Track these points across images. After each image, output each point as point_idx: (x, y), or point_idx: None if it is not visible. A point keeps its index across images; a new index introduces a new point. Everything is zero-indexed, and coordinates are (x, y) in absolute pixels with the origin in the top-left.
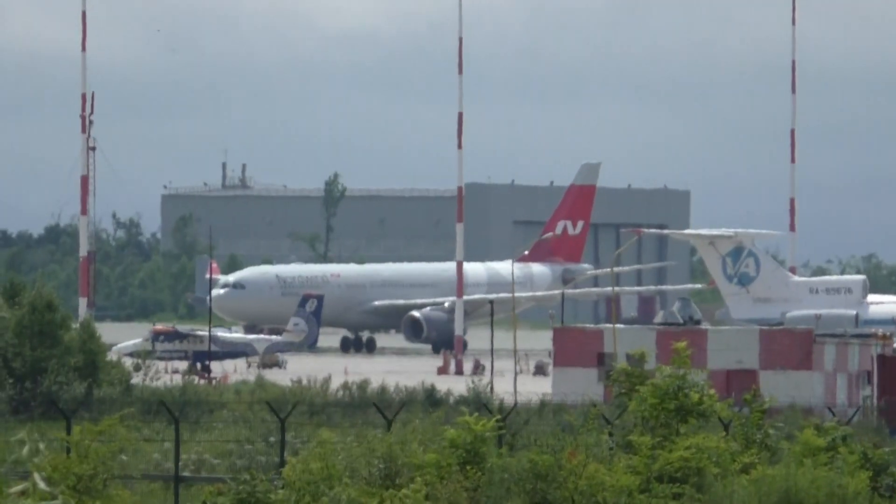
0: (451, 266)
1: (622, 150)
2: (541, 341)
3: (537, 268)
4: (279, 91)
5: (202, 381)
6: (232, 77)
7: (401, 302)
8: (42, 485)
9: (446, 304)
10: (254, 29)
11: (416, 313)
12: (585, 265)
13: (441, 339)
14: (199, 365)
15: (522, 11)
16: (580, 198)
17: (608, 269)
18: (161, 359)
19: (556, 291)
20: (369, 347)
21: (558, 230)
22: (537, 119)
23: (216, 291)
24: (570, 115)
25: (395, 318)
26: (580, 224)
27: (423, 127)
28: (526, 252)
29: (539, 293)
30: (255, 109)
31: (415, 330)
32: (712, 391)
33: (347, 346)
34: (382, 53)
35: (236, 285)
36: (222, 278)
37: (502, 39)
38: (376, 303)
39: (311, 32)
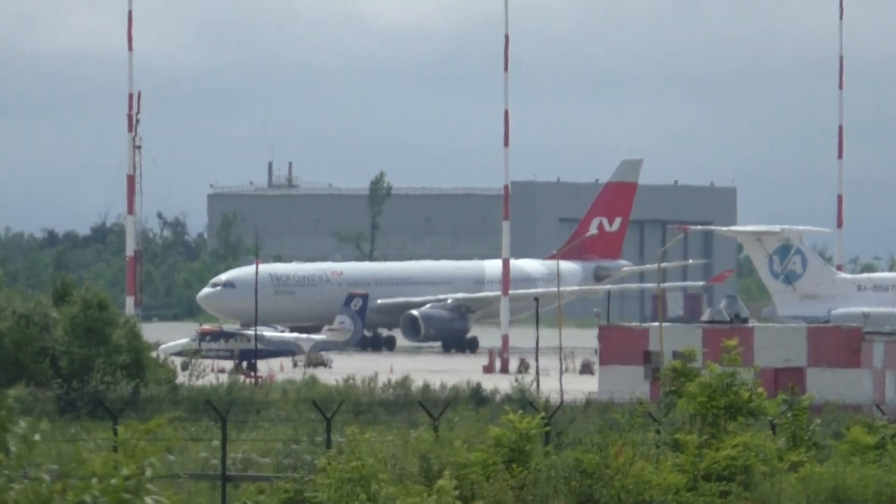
0: (465, 264)
1: (668, 146)
2: (585, 339)
3: (566, 265)
4: (324, 89)
5: (248, 381)
6: (277, 76)
7: (401, 300)
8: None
9: (449, 301)
10: (298, 27)
11: (413, 311)
12: (623, 262)
13: (441, 337)
14: (245, 364)
15: (569, 7)
16: (619, 194)
17: (645, 267)
18: (207, 358)
19: (575, 287)
20: (388, 345)
21: (593, 227)
22: (583, 116)
23: (207, 290)
24: (616, 112)
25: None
26: (618, 221)
27: (469, 124)
28: (554, 251)
29: (570, 289)
30: (300, 108)
31: (413, 328)
32: (761, 389)
33: (365, 345)
34: (429, 51)
35: (226, 284)
36: (215, 277)
37: (549, 36)
38: (380, 301)
39: (356, 30)
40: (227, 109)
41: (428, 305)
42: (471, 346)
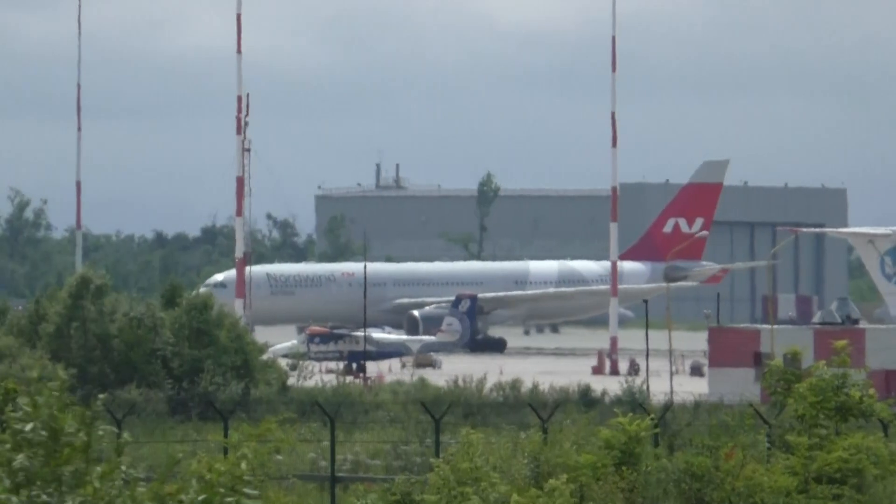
0: (510, 264)
1: (778, 147)
2: (695, 342)
3: (630, 265)
4: (431, 90)
5: (357, 382)
6: (385, 77)
7: (406, 300)
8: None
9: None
10: (405, 30)
11: (415, 312)
12: (705, 263)
13: None
14: (354, 365)
15: (687, 8)
16: (700, 195)
17: (731, 265)
18: (316, 359)
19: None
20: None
21: (667, 228)
22: (694, 116)
23: (201, 290)
24: (725, 113)
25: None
26: (699, 221)
27: (577, 125)
28: (615, 252)
29: (628, 286)
30: (408, 109)
31: (415, 328)
32: (872, 390)
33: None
34: (537, 52)
35: (217, 285)
36: (210, 277)
37: (660, 36)
38: (396, 301)
39: (464, 31)
40: (336, 111)
41: (433, 305)
42: (497, 347)
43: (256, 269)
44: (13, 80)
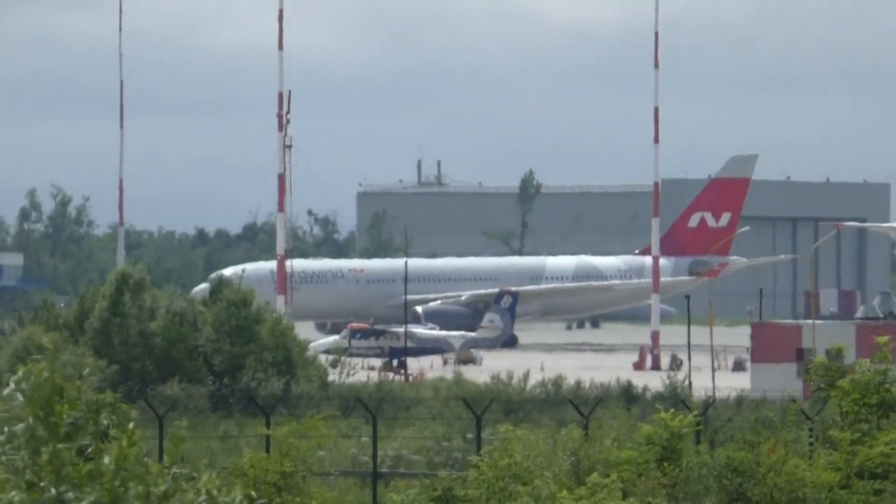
0: (526, 259)
1: (820, 142)
2: (737, 337)
3: (649, 260)
4: (473, 87)
5: (398, 378)
6: (427, 73)
7: (414, 296)
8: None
9: (463, 297)
10: (448, 25)
11: (417, 307)
12: (733, 257)
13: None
14: (395, 362)
15: (732, 3)
16: (727, 190)
17: (756, 261)
18: (357, 356)
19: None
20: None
21: (693, 223)
22: (735, 112)
23: (202, 286)
24: (767, 108)
25: None
26: (726, 216)
27: (619, 120)
28: (635, 249)
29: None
30: (450, 105)
31: (417, 323)
32: None
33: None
34: (579, 47)
35: (212, 281)
36: (213, 273)
37: (703, 30)
38: (402, 297)
39: (509, 27)
40: (378, 107)
41: (438, 301)
42: (509, 343)
43: (261, 266)
44: (56, 78)
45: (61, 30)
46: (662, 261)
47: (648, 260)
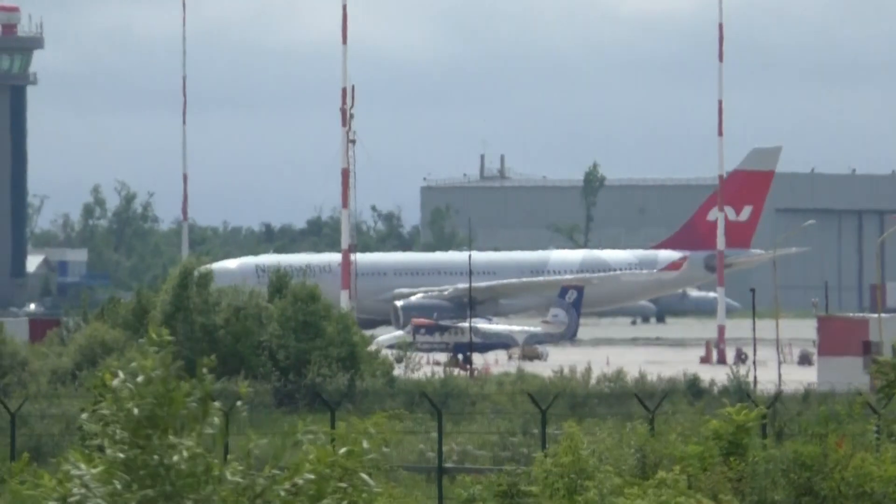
0: (529, 253)
1: (885, 134)
2: (802, 330)
3: (665, 254)
4: (536, 81)
5: (463, 373)
6: (489, 68)
7: (404, 290)
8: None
9: (447, 292)
10: (508, 20)
11: (397, 301)
12: (755, 251)
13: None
14: (460, 357)
15: None
16: (748, 183)
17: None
18: (421, 351)
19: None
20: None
21: (711, 217)
22: (800, 104)
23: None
24: (832, 101)
25: None
26: (748, 210)
27: (684, 113)
28: (651, 243)
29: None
30: (512, 99)
31: (397, 319)
32: None
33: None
34: (645, 39)
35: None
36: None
37: (770, 23)
38: (395, 291)
39: (567, 20)
40: (441, 101)
41: (419, 295)
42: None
43: (247, 261)
44: (122, 74)
45: (127, 25)
46: (677, 255)
47: (662, 254)
